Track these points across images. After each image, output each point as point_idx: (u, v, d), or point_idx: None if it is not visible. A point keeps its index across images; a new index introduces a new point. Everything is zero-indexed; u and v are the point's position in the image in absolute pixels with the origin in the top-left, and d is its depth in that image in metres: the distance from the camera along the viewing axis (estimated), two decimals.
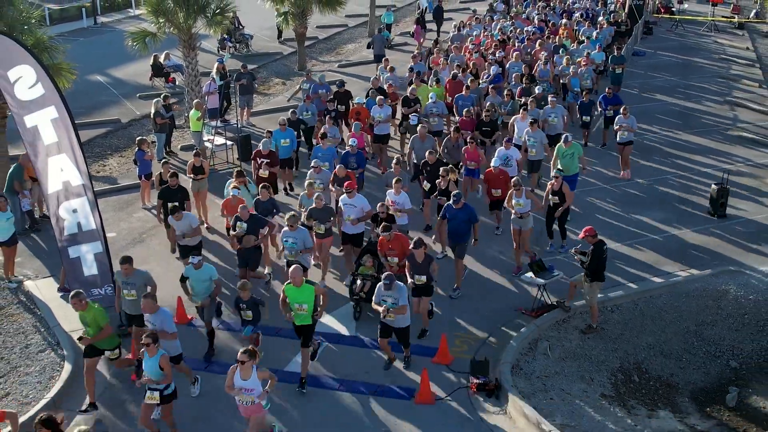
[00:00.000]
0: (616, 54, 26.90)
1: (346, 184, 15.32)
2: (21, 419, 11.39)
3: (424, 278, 13.12)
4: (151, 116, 21.79)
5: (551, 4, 38.23)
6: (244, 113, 24.92)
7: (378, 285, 12.35)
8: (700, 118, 25.93)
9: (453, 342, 13.45)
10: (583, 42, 28.49)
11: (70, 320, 13.88)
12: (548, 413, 11.86)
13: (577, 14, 34.68)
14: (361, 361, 13.09)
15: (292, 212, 14.90)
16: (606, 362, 13.81)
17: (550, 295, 14.59)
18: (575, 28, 31.31)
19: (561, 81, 25.11)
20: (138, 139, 19.26)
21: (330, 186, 16.63)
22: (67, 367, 12.80)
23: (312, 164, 17.05)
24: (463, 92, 21.57)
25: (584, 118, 22.01)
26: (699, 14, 43.69)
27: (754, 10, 44.38)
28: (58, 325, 14.09)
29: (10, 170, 17.26)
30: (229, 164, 21.36)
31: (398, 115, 22.63)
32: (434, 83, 22.70)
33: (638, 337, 14.53)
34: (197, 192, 17.61)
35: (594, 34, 29.39)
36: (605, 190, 19.89)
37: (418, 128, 18.53)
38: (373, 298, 12.54)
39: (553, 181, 16.02)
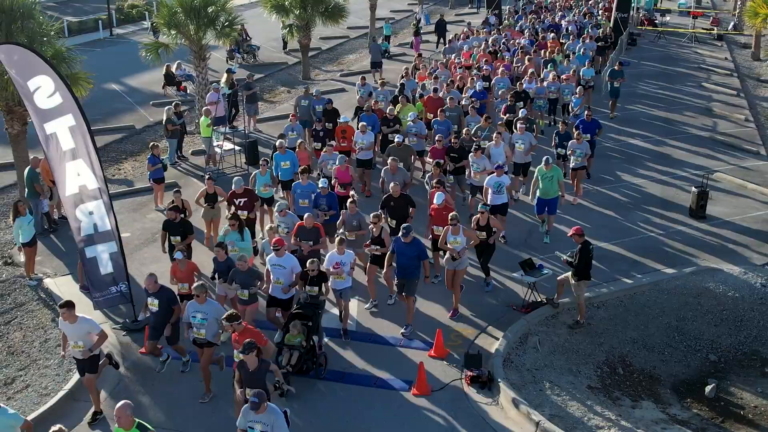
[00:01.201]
0: (616, 68, 26.20)
1: (274, 240, 12.92)
2: (40, 410, 11.42)
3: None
4: (164, 123, 21.81)
5: (540, 17, 38.14)
6: (251, 120, 24.91)
7: (244, 408, 9.36)
8: (681, 125, 25.92)
9: (448, 336, 13.42)
10: (568, 56, 28.05)
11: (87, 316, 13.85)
12: (538, 404, 11.88)
13: (564, 27, 34.19)
14: (361, 354, 13.05)
15: (200, 281, 12.27)
16: (592, 356, 13.80)
17: (540, 293, 14.57)
18: (561, 41, 30.80)
19: (548, 96, 24.23)
20: (151, 144, 19.25)
21: (291, 238, 14.19)
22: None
23: (276, 207, 15.03)
24: (438, 116, 19.99)
25: (559, 150, 19.25)
26: (680, 26, 43.74)
27: (732, 23, 44.38)
28: None
29: (26, 175, 17.24)
30: (238, 168, 21.35)
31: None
32: (418, 98, 21.97)
33: (623, 332, 14.51)
34: (210, 220, 16.42)
35: (581, 49, 28.82)
36: (589, 193, 19.85)
37: (389, 161, 16.67)
38: (237, 421, 9.45)
39: (478, 215, 14.39)
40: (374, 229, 13.92)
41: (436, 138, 18.52)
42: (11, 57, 13.49)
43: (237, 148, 21.84)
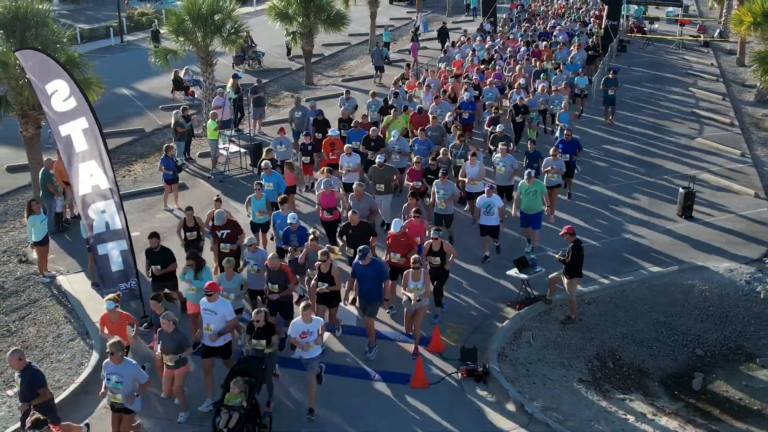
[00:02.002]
0: (610, 77, 25.54)
1: (207, 285, 11.13)
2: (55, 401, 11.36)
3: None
4: (172, 126, 21.78)
5: (534, 25, 38.00)
6: (257, 123, 24.90)
7: None
8: (669, 128, 25.90)
9: (445, 332, 13.40)
10: (558, 66, 27.46)
11: (98, 312, 13.81)
12: (531, 397, 11.89)
13: (555, 35, 33.67)
14: (360, 349, 13.00)
15: (115, 339, 10.33)
16: (583, 350, 13.79)
17: (533, 290, 14.56)
18: (552, 49, 30.36)
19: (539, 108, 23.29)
20: (165, 146, 19.22)
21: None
22: (95, 355, 12.75)
23: (246, 240, 13.29)
24: (419, 135, 18.63)
25: (528, 171, 16.83)
26: (668, 33, 43.71)
27: (718, 30, 44.36)
28: (87, 317, 14.05)
29: (40, 175, 17.23)
30: (243, 170, 21.33)
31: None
32: (402, 110, 21.09)
33: (613, 328, 14.51)
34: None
35: (569, 57, 28.49)
36: (580, 194, 19.84)
37: (354, 186, 15.31)
38: None
39: (431, 240, 13.42)
40: (322, 266, 12.34)
41: (415, 159, 17.22)
42: (29, 61, 13.56)
43: (242, 150, 21.81)
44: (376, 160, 16.77)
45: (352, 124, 19.89)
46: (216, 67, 25.00)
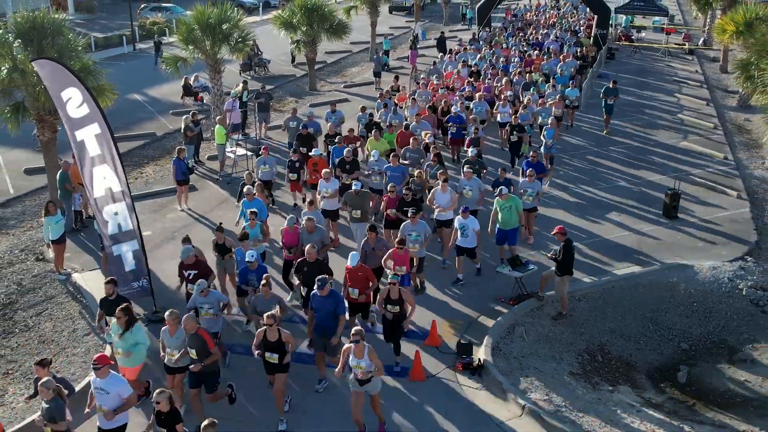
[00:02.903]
0: (611, 87, 24.87)
1: (96, 357, 9.37)
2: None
3: None
4: (182, 130, 21.78)
5: (527, 35, 37.83)
6: (262, 128, 24.89)
7: None
8: (655, 132, 25.90)
9: (442, 327, 13.40)
10: (547, 77, 26.81)
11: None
12: (524, 389, 11.87)
13: (546, 45, 33.04)
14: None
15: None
16: (574, 344, 13.77)
17: (526, 287, 14.54)
18: (545, 59, 29.73)
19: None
20: (177, 149, 19.20)
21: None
22: (108, 349, 12.71)
23: (198, 284, 11.75)
24: (391, 161, 16.87)
25: (501, 187, 15.35)
26: (655, 42, 43.72)
27: (702, 38, 44.35)
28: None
29: (58, 177, 17.22)
30: (251, 172, 21.28)
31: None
32: (388, 127, 19.78)
33: (602, 323, 14.49)
34: (223, 271, 13.92)
35: (558, 69, 27.58)
36: (569, 196, 19.83)
37: (304, 220, 13.45)
38: None
39: (388, 287, 11.81)
40: (269, 333, 10.31)
41: (388, 187, 15.52)
42: (45, 70, 13.56)
43: (249, 153, 21.80)
44: (353, 187, 15.21)
45: (336, 140, 18.70)
46: (224, 74, 24.98)
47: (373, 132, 19.13)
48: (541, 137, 20.85)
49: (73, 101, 13.16)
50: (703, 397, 13.05)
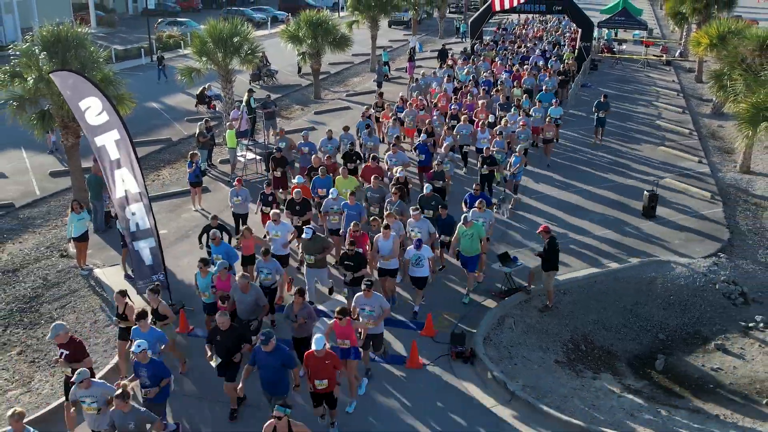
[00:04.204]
0: (602, 101, 24.24)
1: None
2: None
3: None
4: (196, 136, 21.78)
5: (515, 48, 37.51)
6: (270, 134, 24.88)
7: None
8: (635, 137, 25.87)
9: (437, 319, 13.39)
10: (529, 92, 25.57)
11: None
12: (512, 376, 11.87)
13: (532, 60, 31.87)
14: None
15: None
16: (559, 335, 13.78)
17: (515, 281, 14.54)
18: (533, 73, 28.13)
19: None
20: (190, 153, 19.19)
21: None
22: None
23: (78, 373, 9.00)
24: (348, 199, 14.47)
25: (442, 237, 14.42)
26: (635, 54, 43.67)
27: (679, 50, 44.35)
28: None
29: (90, 180, 17.13)
30: (259, 175, 21.29)
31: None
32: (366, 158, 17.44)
33: (585, 315, 14.49)
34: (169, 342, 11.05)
35: (543, 87, 26.13)
36: (555, 197, 19.82)
37: (237, 278, 11.28)
38: None
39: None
40: None
41: (351, 225, 13.32)
42: (66, 81, 13.47)
43: (258, 157, 21.79)
44: (303, 235, 13.00)
45: (318, 167, 16.34)
46: (234, 83, 24.96)
47: (341, 169, 16.54)
48: (509, 167, 18.71)
49: (92, 110, 13.11)
50: (679, 384, 13.07)
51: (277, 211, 13.84)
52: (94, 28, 51.72)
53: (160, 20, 53.14)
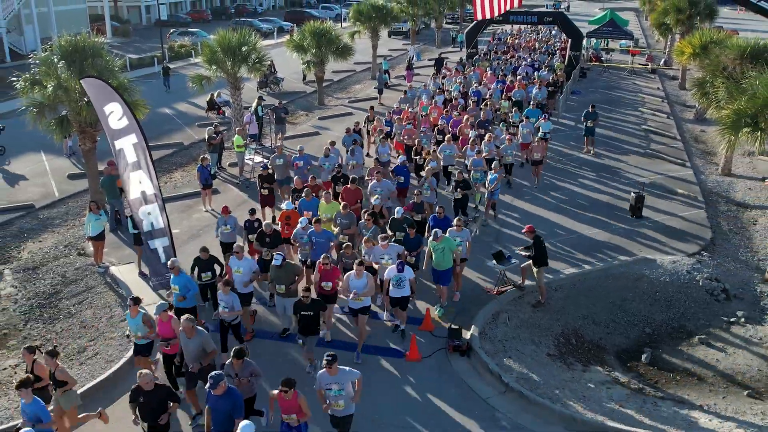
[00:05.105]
0: (590, 111, 23.54)
1: None
2: (106, 374, 11.34)
3: None
4: (206, 140, 21.75)
5: (508, 59, 37.25)
6: (278, 138, 24.86)
7: None
8: (622, 141, 25.84)
9: (435, 314, 13.34)
10: (518, 104, 24.47)
11: (145, 297, 13.78)
12: (507, 368, 11.84)
13: (522, 72, 30.98)
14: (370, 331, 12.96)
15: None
16: (551, 329, 13.75)
17: (509, 278, 14.52)
18: (525, 83, 27.22)
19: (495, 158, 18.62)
20: (201, 157, 19.15)
21: None
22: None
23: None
24: (314, 226, 13.06)
25: (435, 230, 12.93)
26: (621, 62, 43.65)
27: (663, 59, 44.32)
28: None
29: (104, 181, 17.06)
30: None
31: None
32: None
33: (575, 310, 14.46)
34: (59, 410, 9.55)
35: (531, 104, 24.91)
36: (547, 198, 19.79)
37: (182, 321, 9.70)
38: None
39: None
40: None
41: (321, 258, 11.89)
42: (92, 87, 13.69)
43: (265, 161, 21.77)
44: (273, 262, 11.79)
45: (304, 193, 14.80)
46: (243, 90, 24.92)
47: (323, 194, 14.77)
48: (487, 185, 17.41)
49: (114, 114, 13.24)
50: (665, 376, 13.04)
51: (240, 244, 12.39)
52: (110, 38, 51.68)
53: (172, 30, 53.11)
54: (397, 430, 10.28)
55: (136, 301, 10.69)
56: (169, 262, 12.12)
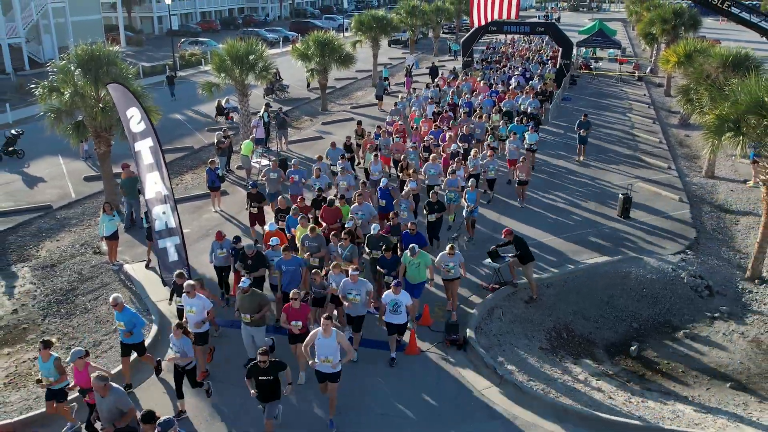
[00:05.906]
0: (583, 120, 23.07)
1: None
2: (119, 366, 11.27)
3: None
4: (215, 144, 21.72)
5: (501, 68, 37.05)
6: (282, 142, 24.83)
7: None
8: (610, 145, 25.81)
9: (433, 309, 13.35)
10: (509, 114, 23.46)
11: (157, 294, 13.81)
12: (501, 362, 11.82)
13: (515, 81, 30.17)
14: (366, 325, 12.88)
15: None
16: (543, 324, 13.73)
17: (504, 275, 14.49)
18: (516, 93, 26.55)
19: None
20: (210, 160, 19.14)
21: None
22: (154, 329, 12.67)
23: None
24: (283, 255, 11.73)
25: (387, 278, 12.25)
26: (610, 70, 43.62)
27: (649, 67, 44.29)
28: (147, 297, 13.96)
29: (125, 182, 17.01)
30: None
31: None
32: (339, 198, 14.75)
33: (566, 306, 14.44)
34: None
35: (521, 106, 24.50)
36: (539, 200, 19.75)
37: (92, 379, 8.22)
38: None
39: None
40: None
41: (291, 294, 10.42)
42: (116, 92, 13.81)
43: (270, 164, 21.70)
44: (240, 284, 10.80)
45: (291, 211, 14.01)
46: (250, 97, 24.92)
47: (300, 219, 13.49)
48: (462, 200, 16.33)
49: (135, 119, 13.36)
50: (652, 368, 13.02)
51: (192, 282, 10.74)
52: (124, 47, 51.67)
53: (183, 40, 53.10)
54: (398, 420, 10.25)
55: (47, 344, 9.31)
56: (110, 299, 10.66)
